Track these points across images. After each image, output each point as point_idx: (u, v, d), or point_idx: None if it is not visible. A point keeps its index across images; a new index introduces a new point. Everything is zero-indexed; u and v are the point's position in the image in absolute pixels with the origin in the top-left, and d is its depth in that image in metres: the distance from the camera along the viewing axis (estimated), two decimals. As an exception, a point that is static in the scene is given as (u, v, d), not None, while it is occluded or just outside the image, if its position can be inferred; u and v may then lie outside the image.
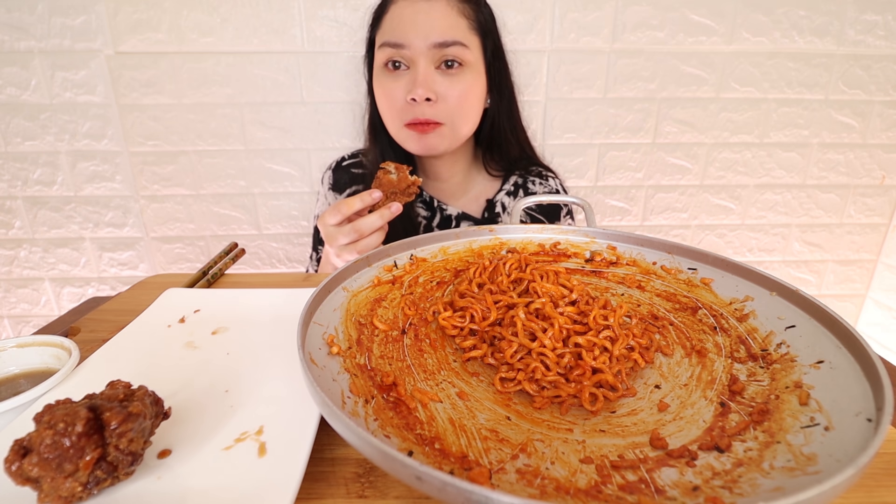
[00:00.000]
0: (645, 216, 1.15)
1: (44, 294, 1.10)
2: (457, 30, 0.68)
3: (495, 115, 0.80)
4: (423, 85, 0.67)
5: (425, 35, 0.67)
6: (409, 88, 0.68)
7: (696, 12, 0.98)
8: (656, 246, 0.49)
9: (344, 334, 0.35)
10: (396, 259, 0.46)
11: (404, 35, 0.67)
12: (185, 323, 0.47)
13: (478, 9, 0.72)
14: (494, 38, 0.75)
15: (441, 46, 0.67)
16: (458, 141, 0.75)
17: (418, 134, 0.71)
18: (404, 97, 0.69)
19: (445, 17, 0.67)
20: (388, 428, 0.27)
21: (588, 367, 0.35)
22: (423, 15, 0.67)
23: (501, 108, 0.80)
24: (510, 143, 0.84)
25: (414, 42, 0.67)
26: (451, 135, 0.73)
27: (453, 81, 0.69)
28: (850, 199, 1.15)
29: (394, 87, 0.70)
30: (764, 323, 0.37)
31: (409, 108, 0.69)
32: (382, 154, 0.79)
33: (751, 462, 0.25)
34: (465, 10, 0.70)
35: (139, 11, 0.92)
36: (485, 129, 0.82)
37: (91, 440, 0.26)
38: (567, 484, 0.25)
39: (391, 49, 0.69)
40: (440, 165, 0.81)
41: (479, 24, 0.72)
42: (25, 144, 0.99)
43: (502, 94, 0.79)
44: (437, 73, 0.69)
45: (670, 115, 1.06)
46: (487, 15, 0.74)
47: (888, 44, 1.02)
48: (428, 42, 0.67)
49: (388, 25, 0.70)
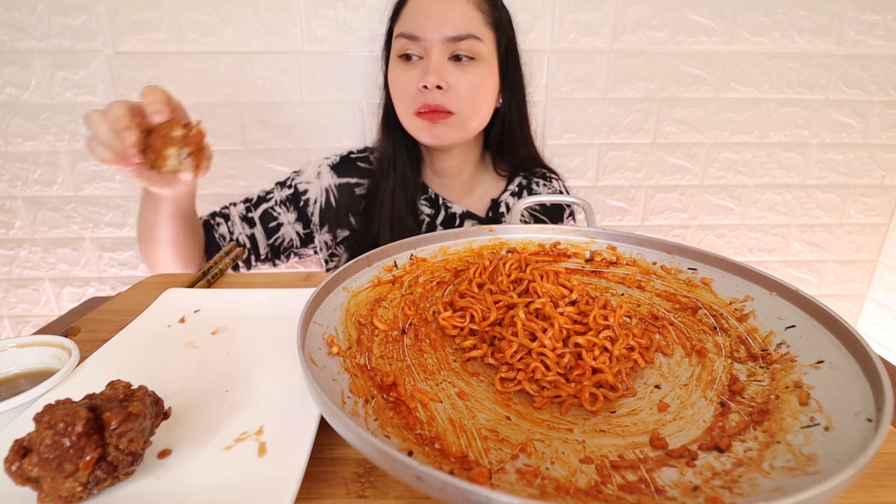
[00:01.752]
0: (645, 216, 1.15)
1: (44, 294, 1.10)
2: (472, 23, 0.69)
3: (507, 114, 0.80)
4: (434, 72, 0.68)
5: (440, 27, 0.68)
6: (422, 77, 0.69)
7: (696, 12, 0.98)
8: (656, 246, 0.49)
9: (344, 334, 0.35)
10: (396, 259, 0.46)
11: (420, 27, 0.69)
12: (185, 323, 0.47)
13: (494, 5, 0.73)
14: (509, 36, 0.75)
15: (455, 40, 0.68)
16: (467, 134, 0.75)
17: (428, 123, 0.72)
18: (417, 85, 0.70)
19: (461, 10, 0.69)
20: (388, 428, 0.27)
21: (588, 367, 0.35)
22: (440, 6, 0.68)
23: (513, 106, 0.80)
24: (520, 143, 0.84)
25: (429, 34, 0.68)
26: (461, 126, 0.73)
27: (465, 72, 0.70)
28: (850, 199, 1.15)
29: (407, 76, 0.71)
30: (764, 323, 0.37)
31: (421, 96, 0.70)
32: (394, 146, 0.79)
33: (751, 462, 0.25)
34: (481, 5, 0.71)
35: (139, 11, 0.92)
36: (496, 129, 0.82)
37: (91, 440, 0.26)
38: (567, 484, 0.25)
39: (406, 40, 0.70)
40: (449, 162, 0.81)
41: (495, 19, 0.73)
42: (25, 144, 0.99)
43: (514, 93, 0.79)
44: (450, 64, 0.70)
45: (670, 115, 1.06)
46: (504, 14, 0.75)
47: (888, 44, 1.02)
48: (442, 34, 0.68)
49: (406, 17, 0.71)
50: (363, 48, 0.97)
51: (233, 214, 0.79)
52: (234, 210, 0.79)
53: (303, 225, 0.83)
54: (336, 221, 0.82)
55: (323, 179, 0.83)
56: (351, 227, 0.82)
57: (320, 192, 0.83)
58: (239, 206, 0.80)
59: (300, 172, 0.84)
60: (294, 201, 0.82)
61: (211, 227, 0.76)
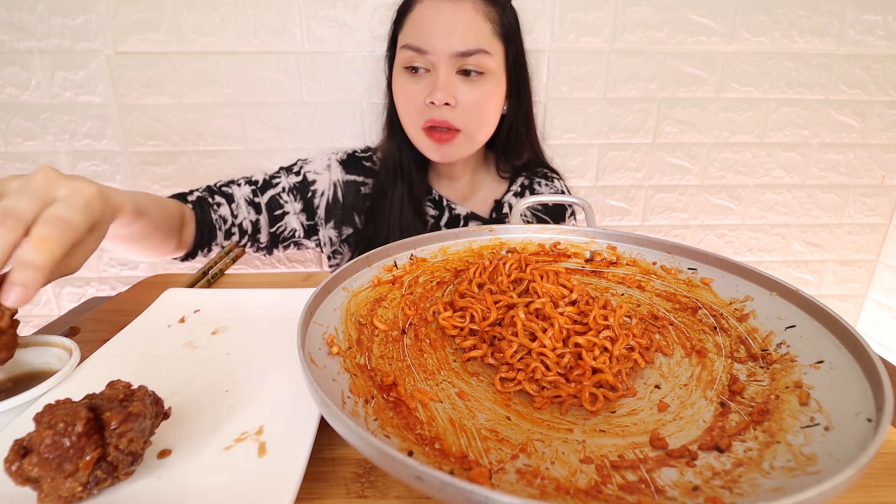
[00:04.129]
0: (645, 216, 1.15)
1: (44, 294, 1.10)
2: (480, 37, 0.67)
3: (513, 121, 0.79)
4: (442, 89, 0.67)
5: (448, 41, 0.66)
6: (429, 92, 0.68)
7: (696, 12, 0.98)
8: (656, 246, 0.49)
9: (344, 334, 0.35)
10: (396, 259, 0.46)
11: (427, 40, 0.67)
12: (185, 323, 0.47)
13: (503, 12, 0.71)
14: (517, 43, 0.74)
15: (464, 55, 0.67)
16: (473, 148, 0.75)
17: (436, 144, 0.71)
18: (423, 99, 0.69)
19: (469, 23, 0.67)
20: (388, 428, 0.27)
21: (588, 367, 0.35)
22: (448, 18, 0.66)
23: (519, 113, 0.79)
24: (525, 148, 0.83)
25: (436, 48, 0.66)
26: (467, 143, 0.73)
27: (473, 88, 0.69)
28: (850, 199, 1.15)
29: (414, 89, 0.70)
30: (764, 323, 0.37)
31: (427, 111, 0.69)
32: (400, 149, 0.78)
33: (751, 462, 0.25)
34: (490, 14, 0.69)
35: (139, 11, 0.92)
36: (501, 135, 0.81)
37: (91, 440, 0.26)
38: (567, 484, 0.25)
39: (413, 53, 0.68)
40: (453, 167, 0.81)
41: (504, 28, 0.71)
42: (25, 144, 0.99)
43: (521, 99, 0.78)
44: (458, 79, 0.69)
45: (670, 115, 1.06)
46: (512, 19, 0.73)
47: (888, 44, 1.02)
48: (451, 49, 0.66)
49: (412, 27, 0.69)
50: (363, 48, 0.97)
51: (237, 196, 0.74)
52: (239, 191, 0.75)
53: (307, 216, 0.81)
54: (342, 218, 0.82)
55: (332, 172, 0.81)
56: (355, 225, 0.82)
57: (328, 186, 0.81)
58: (244, 188, 0.76)
59: (308, 161, 0.81)
60: (301, 190, 0.79)
61: (209, 207, 0.71)
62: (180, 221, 0.67)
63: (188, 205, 0.70)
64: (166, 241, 0.63)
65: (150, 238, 0.58)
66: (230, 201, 0.74)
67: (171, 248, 0.66)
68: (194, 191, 0.72)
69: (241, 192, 0.75)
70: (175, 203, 0.66)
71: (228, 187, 0.75)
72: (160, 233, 0.60)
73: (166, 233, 0.62)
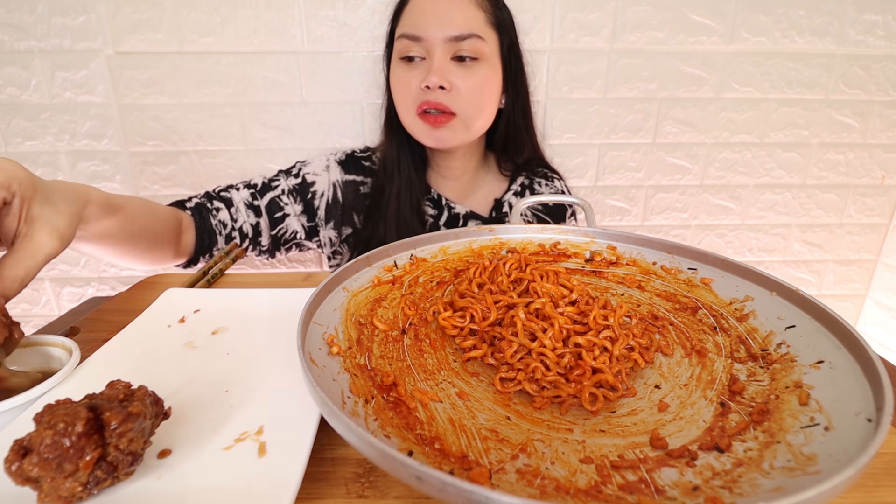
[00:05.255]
0: (645, 216, 1.15)
1: (44, 294, 1.10)
2: (474, 22, 0.69)
3: (511, 115, 0.80)
4: (437, 72, 0.67)
5: (442, 27, 0.67)
6: (424, 76, 0.69)
7: (696, 12, 0.98)
8: (656, 246, 0.49)
9: (344, 334, 0.35)
10: (396, 259, 0.46)
11: (422, 27, 0.68)
12: (185, 323, 0.47)
13: (496, 4, 0.72)
14: (511, 35, 0.75)
15: (458, 39, 0.68)
16: (470, 136, 0.75)
17: (431, 127, 0.71)
18: (419, 85, 0.69)
19: (463, 9, 0.68)
20: (388, 428, 0.27)
21: (588, 367, 0.35)
22: (442, 6, 0.68)
23: (517, 106, 0.80)
24: (524, 143, 0.83)
25: (431, 34, 0.68)
26: (464, 128, 0.73)
27: (468, 73, 0.70)
28: (850, 199, 1.15)
29: (409, 76, 0.70)
30: (764, 323, 0.37)
31: (423, 94, 0.70)
32: (398, 149, 0.78)
33: (751, 462, 0.25)
34: (483, 4, 0.70)
35: (139, 11, 0.92)
36: (500, 129, 0.82)
37: (91, 440, 0.26)
38: (567, 484, 0.25)
39: (408, 41, 0.69)
40: (452, 163, 0.81)
41: (497, 18, 0.72)
42: (25, 144, 0.99)
43: (518, 92, 0.79)
44: (453, 64, 0.69)
45: (670, 115, 1.06)
46: (506, 13, 0.74)
47: (888, 44, 1.02)
48: (445, 34, 0.67)
49: (408, 18, 0.71)
50: (363, 48, 0.97)
51: (236, 200, 0.75)
52: (238, 195, 0.75)
53: (307, 217, 0.81)
54: (341, 218, 0.82)
55: (331, 173, 0.82)
56: (355, 225, 0.82)
57: (328, 186, 0.81)
58: (243, 192, 0.76)
59: (306, 162, 0.82)
60: (301, 192, 0.80)
61: (208, 212, 0.72)
62: (176, 227, 0.67)
63: (187, 211, 0.70)
64: (158, 246, 0.63)
65: (134, 240, 0.57)
66: (229, 206, 0.74)
67: (168, 254, 0.66)
68: (192, 198, 0.73)
69: (240, 195, 0.76)
70: (170, 209, 0.67)
71: (227, 192, 0.76)
72: (147, 235, 0.59)
73: (156, 237, 0.62)
